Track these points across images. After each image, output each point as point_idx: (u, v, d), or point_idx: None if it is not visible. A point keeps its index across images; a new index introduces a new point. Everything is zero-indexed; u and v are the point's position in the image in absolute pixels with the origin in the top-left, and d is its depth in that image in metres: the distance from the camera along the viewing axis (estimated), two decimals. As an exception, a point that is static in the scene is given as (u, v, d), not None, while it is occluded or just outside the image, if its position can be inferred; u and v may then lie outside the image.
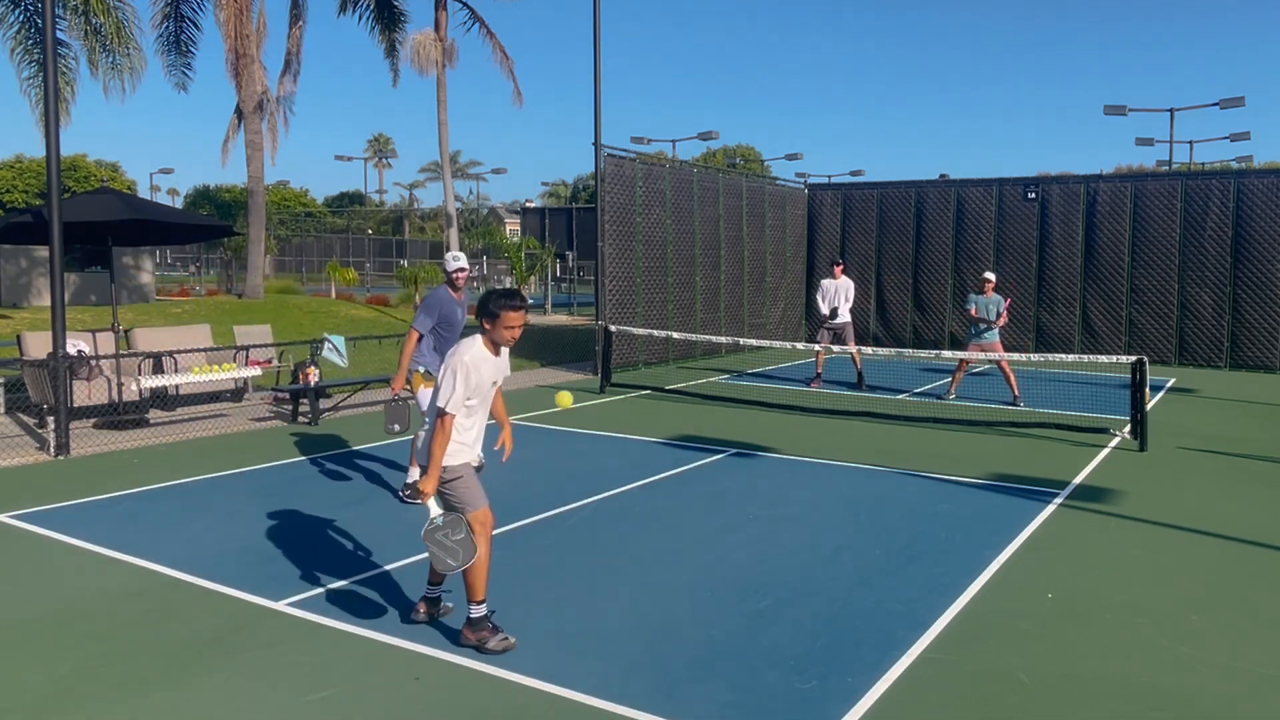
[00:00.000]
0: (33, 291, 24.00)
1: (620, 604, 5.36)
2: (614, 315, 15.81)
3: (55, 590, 5.56)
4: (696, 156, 65.51)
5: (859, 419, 11.73)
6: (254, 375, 12.70)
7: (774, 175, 35.62)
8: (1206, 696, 4.31)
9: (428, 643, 4.78)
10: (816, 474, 8.74)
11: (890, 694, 4.28)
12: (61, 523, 6.81)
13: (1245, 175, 18.63)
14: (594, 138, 15.88)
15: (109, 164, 61.60)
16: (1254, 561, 6.28)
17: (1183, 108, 39.45)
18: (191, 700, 4.18)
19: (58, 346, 9.48)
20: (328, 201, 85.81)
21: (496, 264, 57.07)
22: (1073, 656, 4.72)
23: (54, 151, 9.62)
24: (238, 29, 24.67)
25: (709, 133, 48.00)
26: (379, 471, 8.68)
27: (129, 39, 21.21)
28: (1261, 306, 18.00)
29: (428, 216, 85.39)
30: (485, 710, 4.12)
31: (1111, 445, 10.15)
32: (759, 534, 6.75)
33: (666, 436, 10.42)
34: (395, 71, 26.81)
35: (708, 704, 4.17)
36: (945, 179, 21.88)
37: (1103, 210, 19.31)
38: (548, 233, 35.47)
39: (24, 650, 4.71)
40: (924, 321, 21.07)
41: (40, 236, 10.57)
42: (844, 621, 5.13)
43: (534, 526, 6.89)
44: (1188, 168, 41.67)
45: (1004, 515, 7.33)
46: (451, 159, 29.37)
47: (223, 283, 39.54)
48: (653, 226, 17.19)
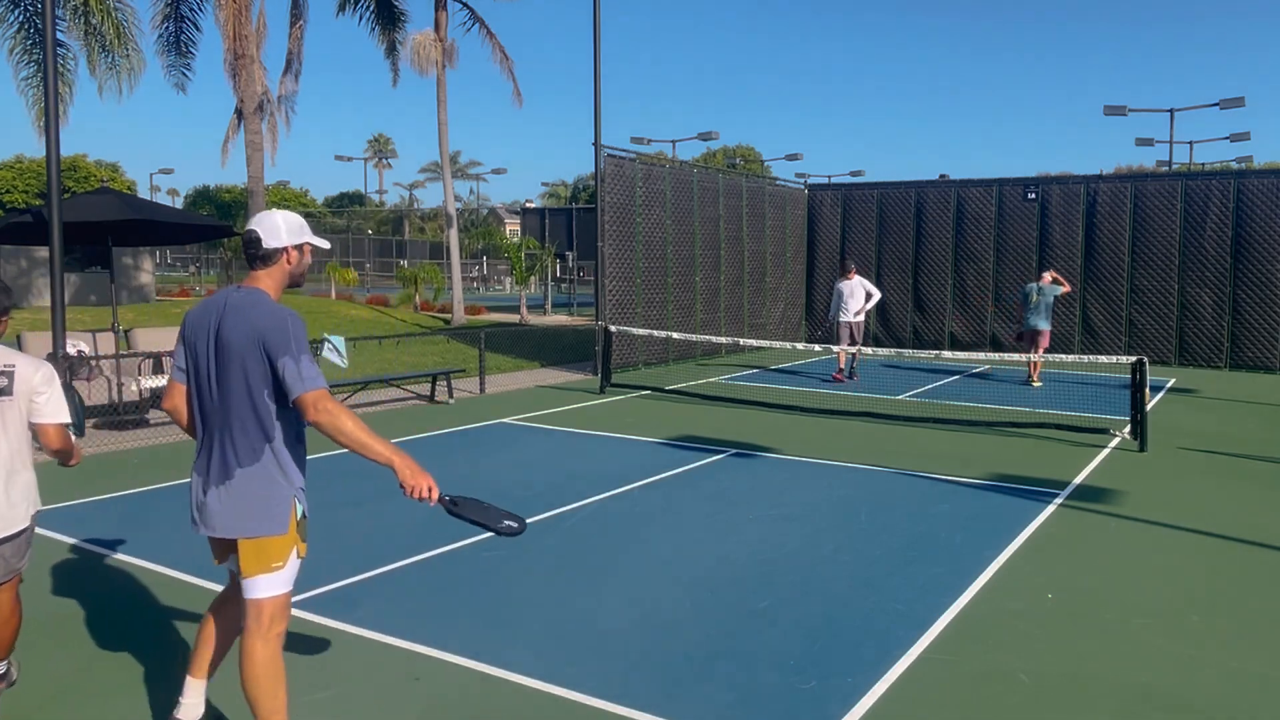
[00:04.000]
0: (33, 292, 24.01)
1: (620, 604, 5.36)
2: (614, 315, 15.80)
3: (55, 590, 5.56)
4: (696, 157, 65.50)
5: (859, 419, 11.73)
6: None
7: (774, 175, 35.62)
8: (1206, 696, 4.31)
9: (428, 643, 4.78)
10: (816, 474, 8.74)
11: (890, 694, 4.28)
12: (61, 523, 6.80)
13: (1245, 175, 18.63)
14: (594, 138, 15.90)
15: (109, 164, 61.62)
16: (1254, 561, 6.28)
17: (1183, 108, 39.44)
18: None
19: (58, 347, 9.48)
20: (328, 202, 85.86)
21: (496, 264, 57.16)
22: (1073, 656, 4.72)
23: (54, 151, 9.62)
24: (237, 29, 24.64)
25: (709, 133, 47.97)
26: (379, 472, 8.66)
27: (128, 39, 21.21)
28: (1261, 306, 18.00)
29: (428, 217, 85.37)
30: (485, 710, 4.12)
31: (1111, 445, 10.15)
32: (759, 534, 6.75)
33: (666, 436, 10.42)
34: (395, 71, 26.81)
35: (708, 704, 4.17)
36: (945, 179, 21.88)
37: (1103, 210, 19.31)
38: (548, 233, 35.48)
39: (24, 650, 4.71)
40: (924, 322, 21.07)
41: (40, 237, 10.57)
42: (844, 621, 5.13)
43: (534, 526, 6.89)
44: (1188, 168, 41.67)
45: (1004, 515, 7.33)
46: (451, 159, 29.37)
47: (223, 283, 39.56)
48: (653, 227, 17.19)
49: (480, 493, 7.86)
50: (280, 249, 3.53)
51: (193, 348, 3.48)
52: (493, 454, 9.54)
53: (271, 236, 3.51)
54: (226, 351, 3.36)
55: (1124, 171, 41.29)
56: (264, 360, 3.34)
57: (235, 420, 3.38)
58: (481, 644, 4.76)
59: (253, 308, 3.40)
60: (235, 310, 3.40)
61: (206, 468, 3.44)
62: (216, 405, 3.42)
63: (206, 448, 3.46)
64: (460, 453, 9.58)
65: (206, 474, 3.44)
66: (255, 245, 3.51)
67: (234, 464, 3.38)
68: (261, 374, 3.36)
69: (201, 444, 3.50)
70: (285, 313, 3.38)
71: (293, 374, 3.29)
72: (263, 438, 3.40)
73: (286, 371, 3.30)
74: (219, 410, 3.41)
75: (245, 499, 3.38)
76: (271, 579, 3.42)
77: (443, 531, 6.70)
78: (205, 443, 3.47)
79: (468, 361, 16.30)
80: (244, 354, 3.34)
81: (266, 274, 3.54)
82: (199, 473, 3.48)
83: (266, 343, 3.32)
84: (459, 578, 5.78)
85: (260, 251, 3.51)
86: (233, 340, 3.36)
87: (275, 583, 3.43)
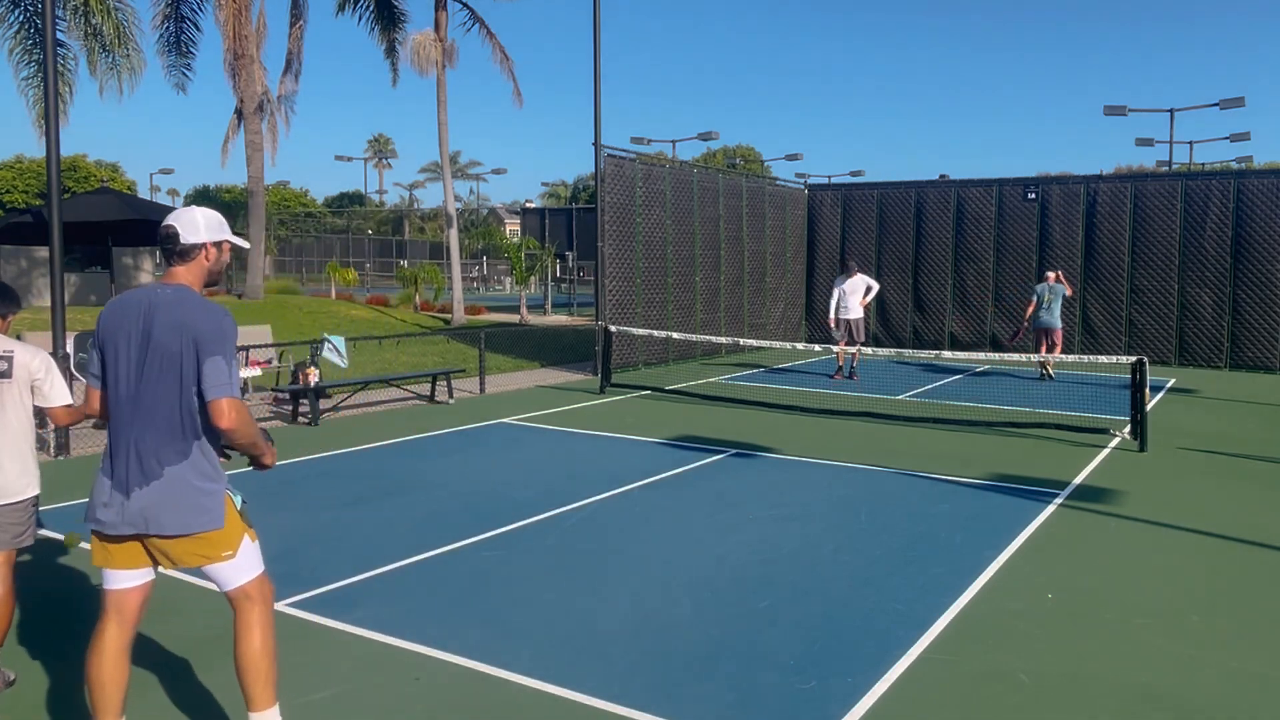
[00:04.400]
0: (33, 292, 24.00)
1: (620, 604, 5.36)
2: (614, 315, 15.81)
3: (55, 591, 5.56)
4: (696, 157, 65.48)
5: (859, 419, 11.73)
6: (254, 375, 12.70)
7: (774, 175, 35.63)
8: (1206, 696, 4.31)
9: (428, 643, 4.78)
10: (817, 474, 8.74)
11: (890, 694, 4.28)
12: (61, 523, 6.80)
13: (1245, 176, 18.63)
14: (594, 138, 15.90)
15: (109, 164, 61.61)
16: (1254, 561, 6.28)
17: (1183, 108, 39.45)
18: (192, 700, 4.17)
19: (58, 346, 9.48)
20: (328, 202, 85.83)
21: (496, 264, 57.17)
22: (1073, 656, 4.72)
23: (54, 152, 9.63)
24: (237, 29, 24.65)
25: (709, 133, 47.97)
26: (379, 472, 8.68)
27: (128, 39, 21.22)
28: (1261, 306, 18.00)
29: (428, 217, 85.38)
30: (485, 710, 4.12)
31: (1111, 445, 10.15)
32: (759, 534, 6.75)
33: (666, 436, 10.42)
34: (395, 72, 26.80)
35: (708, 704, 4.17)
36: (945, 179, 21.89)
37: (1103, 211, 19.31)
38: (548, 233, 35.49)
39: (22, 651, 4.71)
40: (924, 322, 21.07)
41: (40, 237, 10.59)
42: (844, 621, 5.13)
43: (534, 526, 6.89)
44: (1188, 168, 41.66)
45: (1004, 515, 7.33)
46: (451, 159, 29.37)
47: (222, 283, 39.54)
48: (653, 227, 17.19)
49: (480, 493, 7.88)
50: (199, 245, 3.52)
51: (113, 348, 3.41)
52: (493, 454, 9.54)
53: (190, 232, 3.50)
54: (157, 349, 3.34)
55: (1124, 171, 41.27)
56: (195, 357, 3.33)
57: (162, 419, 3.36)
58: (481, 644, 4.76)
59: (184, 305, 3.39)
60: (165, 307, 3.37)
61: (125, 469, 3.36)
62: (137, 405, 3.37)
63: (125, 449, 3.38)
64: (460, 453, 9.58)
65: (126, 475, 3.36)
66: (173, 240, 3.48)
67: (160, 464, 3.35)
68: (192, 371, 3.34)
69: (117, 446, 3.41)
70: (220, 311, 3.41)
71: (220, 375, 3.32)
72: (192, 435, 3.39)
73: (214, 371, 3.32)
74: (140, 410, 3.37)
75: (179, 496, 3.36)
76: (236, 565, 3.48)
77: (443, 531, 6.71)
78: (122, 444, 3.39)
79: (468, 361, 16.30)
80: (177, 351, 3.32)
81: (185, 270, 3.52)
82: (111, 474, 3.40)
83: (200, 340, 3.32)
84: (459, 578, 5.78)
85: (178, 247, 3.49)
86: (164, 338, 3.33)
87: (241, 568, 3.49)
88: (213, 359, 3.32)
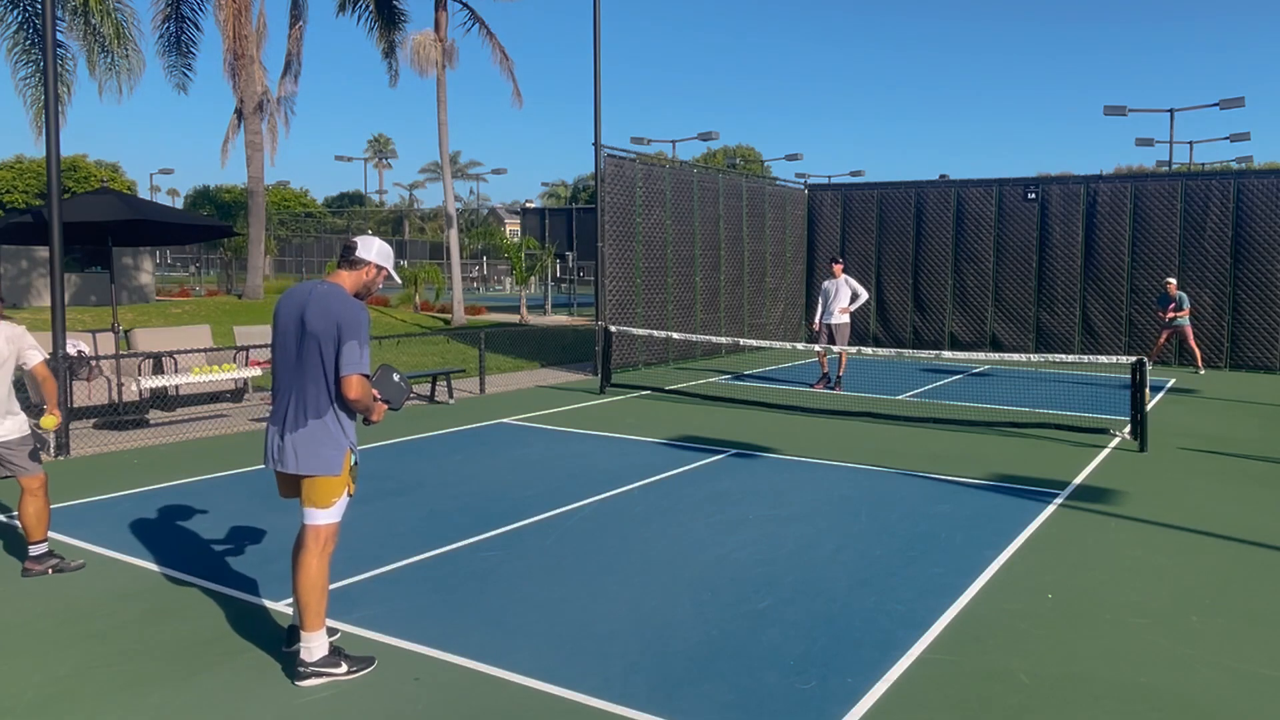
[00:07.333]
0: (33, 292, 24.01)
1: (620, 604, 5.36)
2: (614, 315, 15.81)
3: (55, 591, 5.56)
4: (696, 157, 65.53)
5: (859, 419, 11.73)
6: (254, 375, 12.70)
7: (774, 176, 35.62)
8: (1206, 696, 4.31)
9: (427, 643, 4.78)
10: (816, 474, 8.74)
11: (890, 694, 4.28)
12: (62, 523, 6.80)
13: (1245, 176, 18.63)
14: (594, 138, 15.90)
15: (109, 164, 61.65)
16: (1254, 561, 6.28)
17: (1183, 108, 39.41)
18: (192, 700, 4.18)
19: (58, 347, 9.48)
20: (328, 202, 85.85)
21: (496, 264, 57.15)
22: (1073, 656, 4.72)
23: (54, 152, 9.62)
24: (237, 29, 24.68)
25: (709, 133, 47.94)
26: (378, 472, 8.68)
27: (128, 40, 21.23)
28: (1261, 307, 18.00)
29: (428, 217, 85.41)
30: (485, 710, 4.12)
31: (1111, 446, 10.15)
32: (759, 534, 6.75)
33: (666, 436, 10.42)
34: (394, 72, 26.80)
35: (708, 704, 4.17)
36: (945, 179, 21.88)
37: (1103, 211, 19.31)
38: (547, 233, 35.52)
39: (24, 651, 4.71)
40: (924, 322, 21.07)
41: (40, 237, 10.57)
42: (844, 621, 5.13)
43: (534, 526, 6.89)
44: (1188, 168, 41.67)
45: (1004, 515, 7.33)
46: (451, 159, 29.36)
47: (223, 283, 39.56)
48: (653, 227, 17.20)
49: (480, 493, 7.88)
50: (367, 261, 4.45)
51: (282, 326, 4.36)
52: (493, 454, 9.54)
53: (365, 250, 4.45)
54: (309, 331, 4.24)
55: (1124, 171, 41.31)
56: (336, 340, 4.21)
57: (310, 383, 4.27)
58: (481, 644, 4.76)
59: (334, 297, 4.29)
60: (319, 299, 4.29)
61: (283, 419, 4.32)
62: (295, 371, 4.30)
63: (283, 403, 4.35)
64: (460, 453, 9.58)
65: (283, 424, 4.32)
66: (350, 250, 4.46)
67: (305, 416, 4.27)
68: (332, 349, 4.23)
69: (278, 401, 4.39)
70: (359, 306, 4.31)
71: (353, 355, 4.20)
72: (329, 399, 4.29)
73: (350, 352, 4.20)
74: (298, 375, 4.29)
75: (312, 444, 4.27)
76: (327, 511, 4.34)
77: (443, 531, 6.71)
78: (282, 399, 4.36)
79: (468, 361, 16.31)
80: (321, 334, 4.22)
81: (348, 275, 4.44)
82: (275, 423, 4.37)
83: (342, 326, 4.21)
84: (459, 578, 5.78)
85: (351, 257, 4.44)
86: (315, 323, 4.24)
87: (329, 514, 4.34)
88: (350, 342, 4.21)
